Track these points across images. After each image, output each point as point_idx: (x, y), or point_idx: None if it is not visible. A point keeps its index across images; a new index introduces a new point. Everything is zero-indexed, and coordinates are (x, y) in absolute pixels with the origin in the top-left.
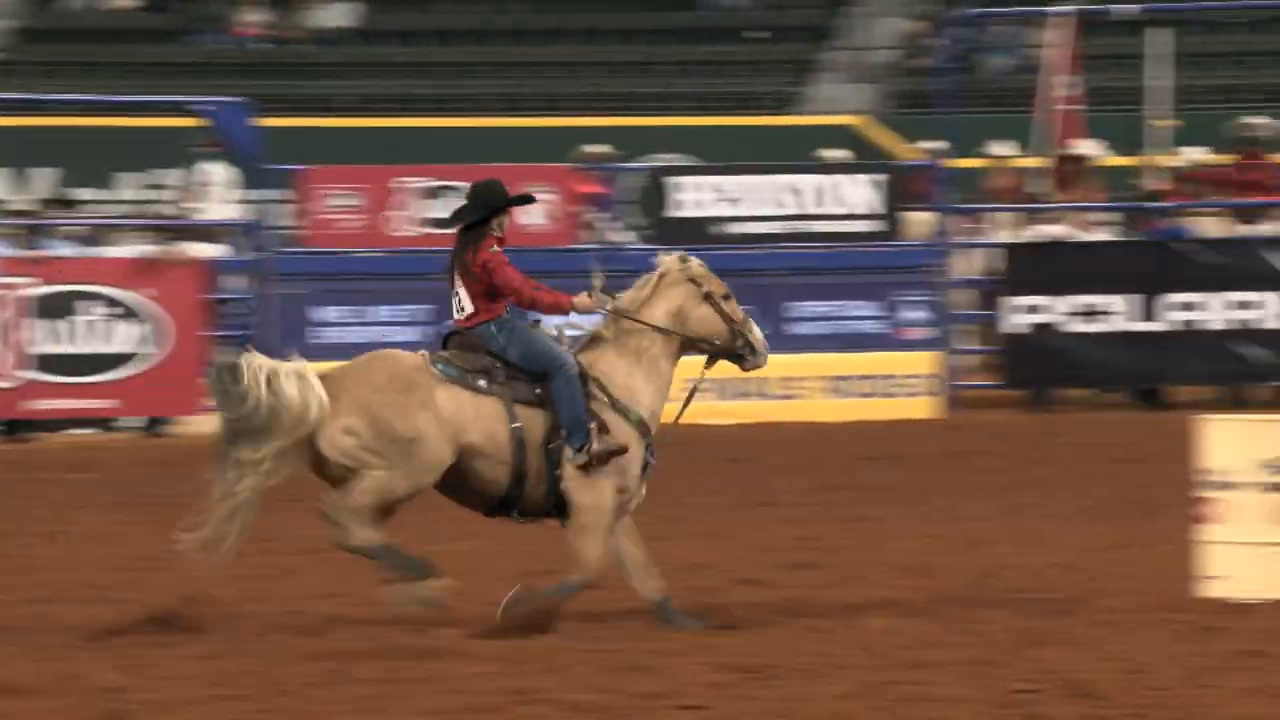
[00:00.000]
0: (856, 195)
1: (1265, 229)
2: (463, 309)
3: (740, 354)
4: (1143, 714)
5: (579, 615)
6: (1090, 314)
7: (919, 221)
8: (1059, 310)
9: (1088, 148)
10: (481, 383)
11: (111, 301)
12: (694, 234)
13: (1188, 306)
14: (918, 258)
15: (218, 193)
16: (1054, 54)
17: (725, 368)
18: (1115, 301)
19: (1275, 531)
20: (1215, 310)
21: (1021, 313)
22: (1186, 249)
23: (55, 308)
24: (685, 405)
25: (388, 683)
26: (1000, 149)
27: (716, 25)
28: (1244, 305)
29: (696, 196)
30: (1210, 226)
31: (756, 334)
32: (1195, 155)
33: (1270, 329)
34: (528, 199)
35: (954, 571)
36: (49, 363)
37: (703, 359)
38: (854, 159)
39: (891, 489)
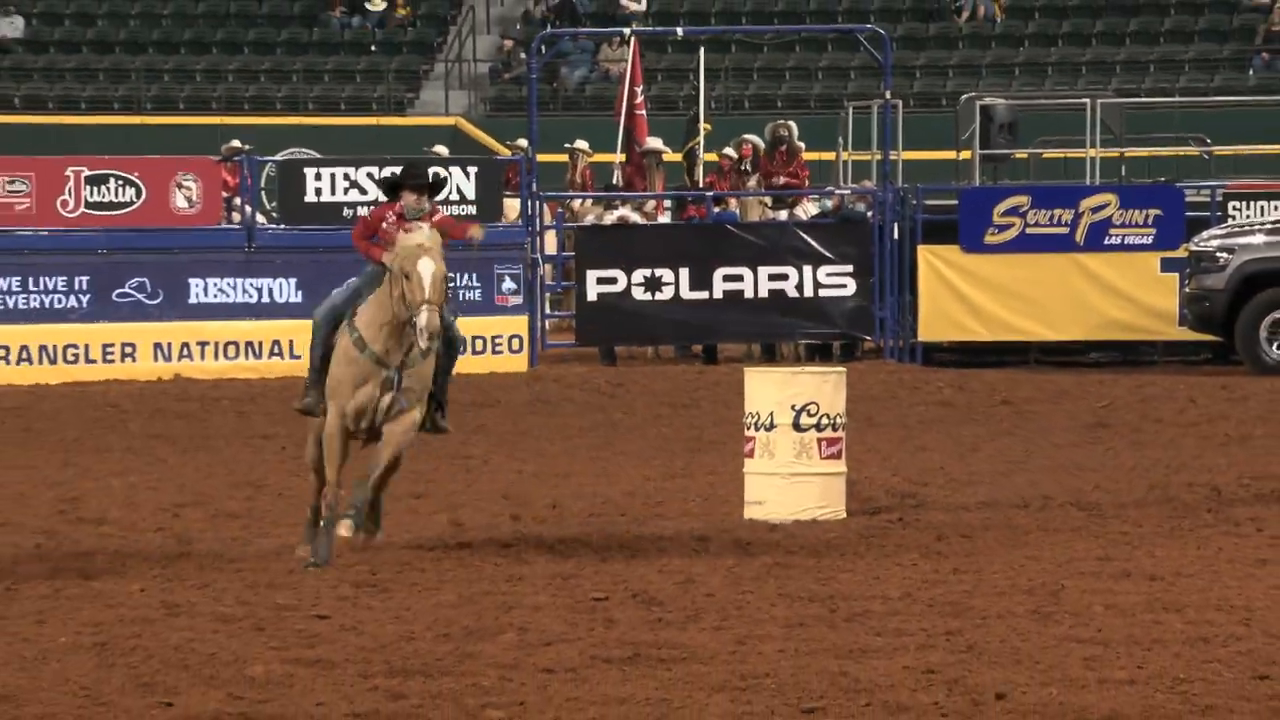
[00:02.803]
0: (464, 184)
1: (797, 213)
2: None
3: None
4: (695, 616)
5: (225, 543)
6: (654, 285)
7: (512, 206)
8: (629, 282)
9: (657, 144)
10: None
11: None
12: (325, 217)
13: (734, 278)
14: (512, 237)
15: None
16: (625, 68)
17: None
18: (675, 275)
19: (801, 464)
20: (756, 281)
21: (596, 284)
22: (733, 230)
23: None
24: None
25: (51, 599)
26: (580, 145)
27: (339, 40)
28: (779, 277)
29: (325, 185)
30: (750, 210)
31: (421, 321)
32: (749, 140)
33: (797, 297)
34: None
35: (540, 499)
36: None
37: None
38: (454, 154)
39: (488, 431)
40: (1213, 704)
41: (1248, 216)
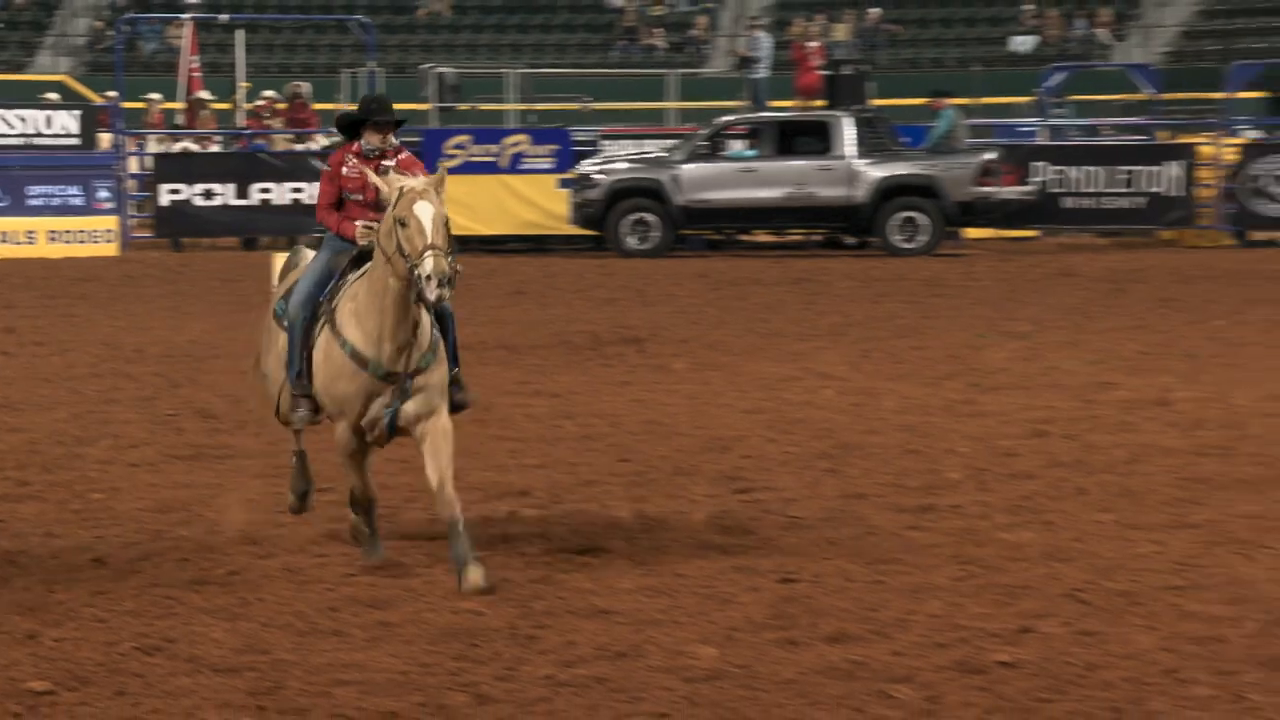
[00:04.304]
0: (70, 123)
1: (309, 145)
2: None
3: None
4: (242, 425)
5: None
6: (209, 195)
7: (105, 139)
8: (190, 193)
9: (206, 95)
10: None
11: None
12: None
13: (265, 191)
14: (106, 160)
15: None
16: (184, 42)
17: None
18: (223, 189)
19: None
20: (281, 193)
21: (167, 194)
22: (264, 157)
23: None
24: None
25: None
26: (153, 97)
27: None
28: (297, 190)
29: None
30: (276, 143)
31: (426, 268)
32: (267, 96)
33: (311, 204)
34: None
35: (129, 345)
36: None
37: None
38: (64, 101)
39: (89, 298)
40: (592, 479)
41: (615, 151)
